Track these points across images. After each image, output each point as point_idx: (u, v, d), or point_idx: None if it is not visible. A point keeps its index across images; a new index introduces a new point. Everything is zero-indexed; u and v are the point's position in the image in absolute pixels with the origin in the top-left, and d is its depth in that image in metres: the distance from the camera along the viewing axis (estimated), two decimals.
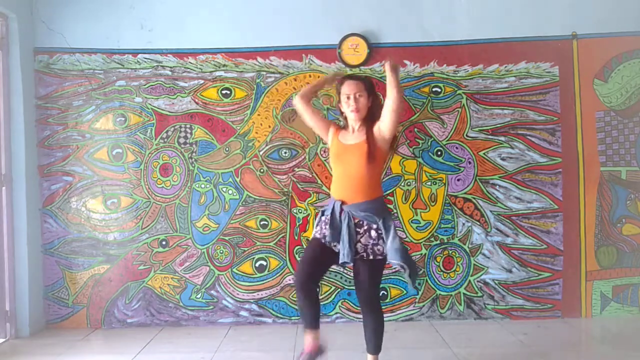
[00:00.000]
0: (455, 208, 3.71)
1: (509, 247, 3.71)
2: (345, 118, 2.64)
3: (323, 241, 2.53)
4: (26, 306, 3.51)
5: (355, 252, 2.47)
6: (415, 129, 3.71)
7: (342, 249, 2.45)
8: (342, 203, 2.50)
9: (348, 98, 2.55)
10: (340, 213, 2.49)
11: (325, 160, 3.68)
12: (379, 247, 2.48)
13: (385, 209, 2.60)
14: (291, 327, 3.57)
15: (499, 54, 3.70)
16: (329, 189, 2.73)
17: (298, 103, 2.72)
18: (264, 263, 3.70)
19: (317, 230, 2.59)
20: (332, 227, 2.48)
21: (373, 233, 2.48)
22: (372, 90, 2.61)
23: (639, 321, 3.60)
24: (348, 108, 2.56)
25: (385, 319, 3.61)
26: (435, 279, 3.71)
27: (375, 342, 2.58)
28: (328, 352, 3.01)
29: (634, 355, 3.03)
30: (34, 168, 3.66)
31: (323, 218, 2.58)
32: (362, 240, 2.48)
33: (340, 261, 2.46)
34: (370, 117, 2.57)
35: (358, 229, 2.48)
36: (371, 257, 2.47)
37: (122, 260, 3.70)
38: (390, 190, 3.70)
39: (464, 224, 3.71)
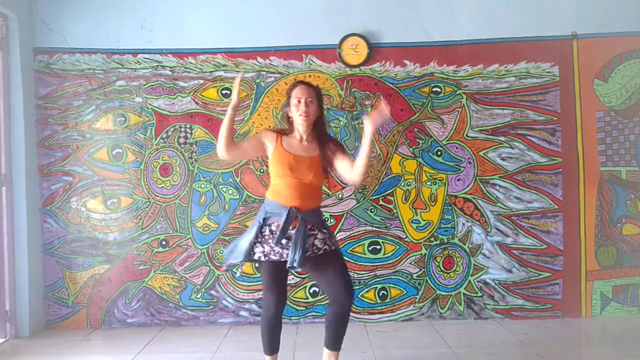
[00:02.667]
0: (455, 208, 3.71)
1: (509, 247, 3.71)
2: (291, 123, 2.58)
3: (272, 260, 2.46)
4: (26, 306, 3.51)
5: (317, 249, 2.48)
6: (415, 129, 3.71)
7: (293, 254, 2.37)
8: (297, 210, 2.46)
9: (299, 102, 2.51)
10: (295, 219, 2.45)
11: None
12: (333, 240, 2.57)
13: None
14: (291, 327, 3.56)
15: (499, 54, 3.70)
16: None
17: (225, 153, 2.49)
18: None
19: (262, 250, 2.46)
20: (283, 232, 2.41)
21: (325, 231, 2.55)
22: (322, 101, 2.60)
23: (639, 321, 3.61)
24: (297, 112, 2.51)
25: (385, 319, 3.69)
26: (435, 279, 3.71)
27: (343, 335, 2.55)
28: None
29: (634, 355, 3.02)
30: (34, 168, 3.66)
31: (268, 230, 2.47)
32: (319, 236, 2.51)
33: (288, 265, 2.38)
34: (317, 128, 2.56)
35: (312, 231, 2.49)
36: (333, 247, 2.54)
37: (122, 260, 3.70)
38: (390, 190, 3.70)
39: (464, 224, 3.71)
